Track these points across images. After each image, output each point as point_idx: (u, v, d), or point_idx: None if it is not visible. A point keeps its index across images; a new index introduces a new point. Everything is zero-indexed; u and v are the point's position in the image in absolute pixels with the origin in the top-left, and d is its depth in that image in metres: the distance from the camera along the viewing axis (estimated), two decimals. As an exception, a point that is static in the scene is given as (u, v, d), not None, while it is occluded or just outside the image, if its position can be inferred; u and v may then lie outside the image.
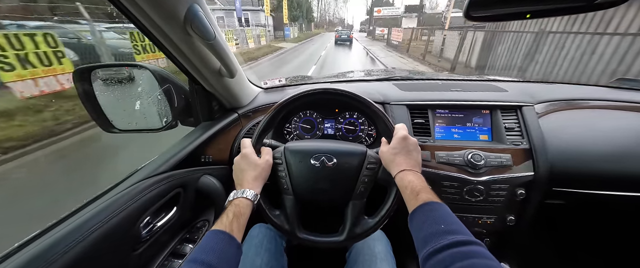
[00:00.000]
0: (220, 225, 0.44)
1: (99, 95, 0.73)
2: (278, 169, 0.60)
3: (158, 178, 0.58)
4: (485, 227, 0.80)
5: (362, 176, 0.58)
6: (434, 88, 0.93)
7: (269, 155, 0.59)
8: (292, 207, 0.59)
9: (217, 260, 0.38)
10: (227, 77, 0.69)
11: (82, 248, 0.40)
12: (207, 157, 0.78)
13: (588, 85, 0.99)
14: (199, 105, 0.79)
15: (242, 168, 0.55)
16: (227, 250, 0.41)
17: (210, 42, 0.50)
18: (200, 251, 0.39)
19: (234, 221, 0.45)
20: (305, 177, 0.59)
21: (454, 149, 0.77)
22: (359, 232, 0.57)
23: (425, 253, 0.35)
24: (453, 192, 0.75)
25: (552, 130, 0.77)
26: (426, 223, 0.39)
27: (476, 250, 0.33)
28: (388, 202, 0.57)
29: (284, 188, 0.59)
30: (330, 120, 0.93)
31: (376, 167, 0.58)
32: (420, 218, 0.41)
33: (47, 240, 0.39)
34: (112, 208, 0.47)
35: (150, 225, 0.57)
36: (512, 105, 0.80)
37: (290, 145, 0.62)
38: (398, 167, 0.52)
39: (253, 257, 0.64)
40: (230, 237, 0.43)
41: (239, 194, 0.51)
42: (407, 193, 0.46)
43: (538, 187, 0.73)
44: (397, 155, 0.53)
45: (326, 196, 0.59)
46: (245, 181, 0.53)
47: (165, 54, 0.58)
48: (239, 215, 0.47)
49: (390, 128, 0.59)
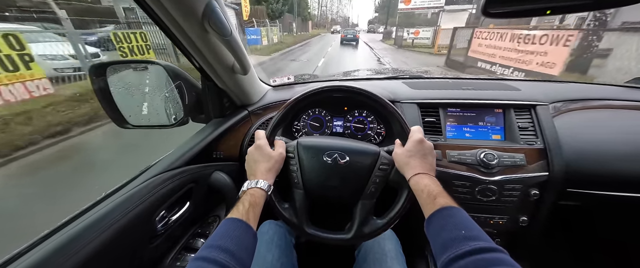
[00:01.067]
0: (236, 213, 0.44)
1: (113, 91, 0.74)
2: (290, 163, 0.60)
3: (173, 173, 0.59)
4: (497, 227, 0.79)
5: (373, 176, 0.57)
6: (445, 86, 0.92)
7: (282, 148, 0.59)
8: (301, 201, 0.59)
9: (236, 246, 0.38)
10: (240, 74, 0.70)
11: (102, 241, 0.41)
12: (219, 153, 0.79)
13: (603, 85, 0.96)
14: (211, 101, 0.80)
15: (255, 159, 0.55)
16: (244, 238, 0.41)
17: (226, 38, 0.50)
18: (218, 237, 0.39)
19: (250, 210, 0.45)
20: (317, 173, 0.59)
21: (465, 148, 0.76)
22: (366, 232, 0.57)
23: (446, 259, 0.35)
24: (464, 191, 0.75)
25: (567, 129, 0.75)
26: (445, 228, 0.39)
27: (500, 258, 0.32)
28: (398, 204, 0.57)
29: (295, 182, 0.59)
30: (339, 119, 0.93)
31: (389, 169, 0.58)
32: (439, 223, 0.40)
33: (68, 233, 0.40)
34: (130, 201, 0.48)
35: (165, 219, 0.57)
36: (526, 104, 0.79)
37: (304, 140, 0.62)
38: (413, 170, 0.51)
39: (264, 253, 0.64)
40: (247, 225, 0.43)
41: (253, 184, 0.51)
42: (424, 198, 0.46)
43: (552, 188, 0.72)
44: (412, 158, 0.53)
45: (336, 193, 0.59)
46: (258, 172, 0.54)
47: (181, 51, 0.59)
48: (255, 204, 0.47)
49: (406, 130, 0.58)
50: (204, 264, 0.35)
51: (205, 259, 0.36)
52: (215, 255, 0.36)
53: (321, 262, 0.94)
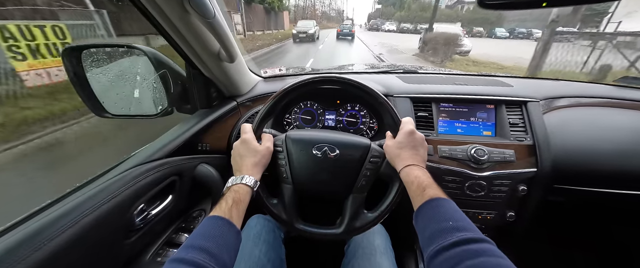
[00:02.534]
0: (218, 211, 0.42)
1: (90, 77, 0.70)
2: (278, 157, 0.58)
3: (152, 165, 0.56)
4: (485, 222, 0.79)
5: (364, 169, 0.56)
6: (438, 81, 0.91)
7: (270, 142, 0.57)
8: (290, 196, 0.57)
9: (216, 246, 0.37)
10: (227, 62, 0.66)
11: (71, 235, 0.38)
12: (205, 145, 0.76)
13: (593, 83, 0.98)
14: (197, 91, 0.76)
15: (241, 153, 0.53)
16: (226, 236, 0.39)
17: (209, 20, 0.47)
18: (198, 237, 0.38)
19: (233, 207, 0.43)
20: (306, 167, 0.57)
21: (457, 144, 0.75)
22: (357, 226, 0.56)
23: (433, 250, 0.34)
24: (454, 186, 0.75)
25: (556, 126, 0.76)
26: (433, 219, 0.38)
27: (486, 248, 0.31)
28: (389, 197, 0.56)
29: (283, 177, 0.57)
30: (331, 112, 0.91)
31: (379, 161, 0.57)
32: (427, 214, 0.40)
33: (34, 225, 0.37)
34: (104, 194, 0.45)
35: (144, 213, 0.55)
36: (517, 100, 0.79)
37: (292, 134, 0.60)
38: (404, 161, 0.50)
39: (251, 247, 0.63)
40: (229, 223, 0.41)
41: (238, 180, 0.49)
42: (413, 189, 0.45)
43: (540, 184, 0.72)
44: (403, 149, 0.52)
45: (326, 187, 0.58)
46: (244, 167, 0.51)
47: (163, 35, 0.55)
48: (239, 201, 0.45)
49: (397, 122, 0.57)
50: (180, 266, 0.33)
51: (182, 261, 0.34)
52: (193, 256, 0.34)
53: (311, 257, 0.94)
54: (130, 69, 0.82)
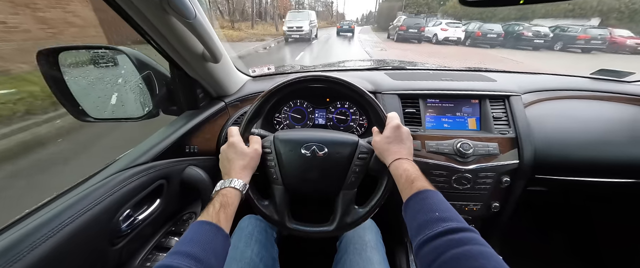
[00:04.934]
0: (206, 216, 0.42)
1: (69, 80, 0.67)
2: (267, 159, 0.58)
3: (138, 170, 0.55)
4: (472, 213, 0.82)
5: (353, 166, 0.57)
6: (425, 77, 0.93)
7: (258, 144, 0.57)
8: (281, 197, 0.57)
9: (202, 251, 0.36)
10: (211, 62, 0.65)
11: (52, 244, 0.37)
12: (193, 147, 0.74)
13: (572, 76, 1.02)
14: (182, 92, 0.75)
15: (229, 157, 0.53)
16: (213, 241, 0.39)
17: (189, 21, 0.46)
18: (184, 243, 0.37)
19: (221, 211, 0.43)
20: (295, 167, 0.57)
21: (443, 139, 0.77)
22: (349, 222, 0.57)
23: (420, 241, 0.35)
24: (442, 180, 0.77)
25: (537, 119, 0.79)
26: (421, 211, 0.39)
27: (470, 237, 0.33)
28: (379, 192, 0.57)
29: (273, 178, 0.57)
30: (321, 110, 0.92)
31: (368, 157, 0.57)
32: (415, 206, 0.41)
33: (12, 236, 0.36)
34: (86, 201, 0.43)
35: (130, 218, 0.54)
36: (500, 94, 0.81)
37: (280, 134, 0.60)
38: (393, 155, 0.51)
39: (243, 248, 0.63)
40: (216, 227, 0.41)
41: (226, 184, 0.49)
42: (402, 182, 0.46)
43: (522, 175, 0.75)
44: (391, 144, 0.53)
45: (316, 186, 0.58)
46: (232, 170, 0.51)
47: (143, 37, 0.53)
48: (227, 205, 0.45)
49: (383, 117, 0.58)
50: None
51: (168, 267, 0.33)
52: (179, 262, 0.34)
53: (304, 255, 0.95)
54: (111, 71, 0.79)
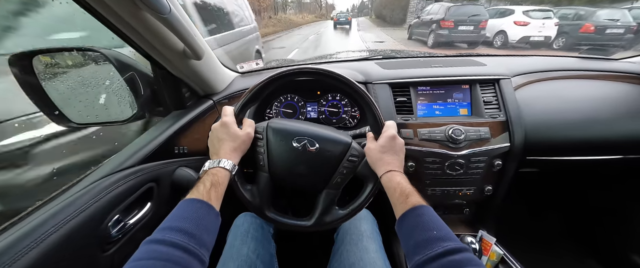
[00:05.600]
0: (196, 193, 0.41)
1: (46, 85, 0.64)
2: (257, 144, 0.56)
3: (124, 174, 0.53)
4: (465, 198, 0.83)
5: (341, 167, 0.56)
6: (415, 65, 0.92)
7: (251, 128, 0.56)
8: (265, 184, 0.56)
9: (195, 227, 0.35)
10: (194, 59, 0.63)
11: (36, 256, 0.36)
12: (182, 148, 0.73)
13: (561, 56, 1.02)
14: (167, 92, 0.72)
15: (220, 137, 0.51)
16: (205, 218, 0.38)
17: (164, 16, 0.43)
18: (174, 219, 0.36)
19: (211, 190, 0.42)
20: (284, 158, 0.56)
21: (435, 126, 0.77)
22: (327, 221, 0.57)
23: (420, 260, 0.36)
24: (435, 167, 0.77)
25: (527, 101, 0.79)
26: (418, 228, 0.39)
27: (470, 258, 0.34)
28: (362, 196, 0.56)
29: (260, 165, 0.56)
30: (312, 104, 0.90)
31: (357, 161, 0.57)
32: (411, 222, 0.41)
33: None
34: (70, 209, 0.42)
35: (121, 223, 0.52)
36: (490, 78, 0.81)
37: (275, 123, 0.58)
38: (385, 166, 0.50)
39: (239, 246, 0.62)
40: (208, 205, 0.40)
41: (215, 164, 0.47)
42: (397, 196, 0.45)
43: (514, 157, 0.76)
44: (385, 154, 0.52)
45: (302, 180, 0.58)
46: (222, 151, 0.50)
47: (118, 35, 0.51)
48: (217, 184, 0.44)
49: (380, 124, 0.56)
50: (157, 247, 0.32)
51: (160, 241, 0.32)
52: (171, 237, 0.33)
53: (302, 248, 0.95)
54: (92, 74, 0.76)
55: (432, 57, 1.09)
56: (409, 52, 1.26)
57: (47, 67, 0.66)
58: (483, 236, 0.80)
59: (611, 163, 0.79)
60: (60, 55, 0.69)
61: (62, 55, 0.70)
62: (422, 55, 1.13)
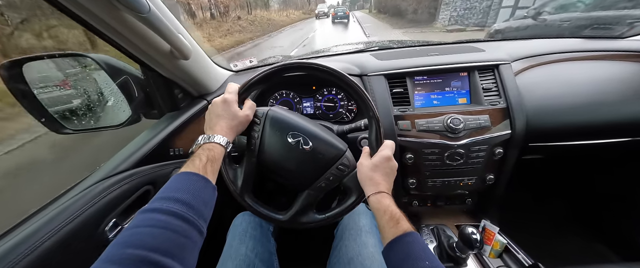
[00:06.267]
0: (191, 167, 0.40)
1: (38, 93, 0.64)
2: (253, 128, 0.56)
3: (120, 177, 0.54)
4: (467, 188, 0.82)
5: (329, 172, 0.55)
6: (411, 54, 0.89)
7: (251, 110, 0.54)
8: (250, 168, 0.56)
9: (193, 198, 0.34)
10: (182, 59, 0.62)
11: (31, 262, 0.36)
12: (177, 150, 0.73)
13: (564, 38, 0.98)
14: (159, 94, 0.72)
15: (218, 113, 0.50)
16: (202, 191, 0.37)
17: (143, 15, 0.42)
18: (171, 190, 0.35)
19: (208, 164, 0.41)
20: (275, 150, 0.55)
21: (433, 116, 0.75)
22: (301, 221, 0.56)
23: None
24: (434, 158, 0.75)
25: (528, 86, 0.76)
26: (409, 257, 0.38)
27: None
28: (341, 206, 0.55)
29: (251, 149, 0.55)
30: (308, 99, 0.89)
31: (346, 171, 0.55)
32: (402, 249, 0.40)
33: None
34: (64, 215, 0.42)
35: (118, 227, 0.53)
36: (489, 64, 0.78)
37: (275, 111, 0.57)
38: (375, 187, 0.49)
39: (237, 245, 0.62)
40: (205, 179, 0.39)
41: (211, 139, 0.46)
42: (386, 219, 0.44)
43: (515, 145, 0.74)
44: (376, 173, 0.50)
45: (287, 175, 0.57)
46: (218, 127, 0.49)
47: (101, 37, 0.50)
48: (213, 159, 0.43)
49: (379, 142, 0.54)
50: (154, 215, 0.31)
51: (156, 210, 0.31)
52: (169, 206, 0.32)
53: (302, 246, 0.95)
54: (84, 80, 0.76)
55: (429, 45, 1.06)
56: (406, 41, 1.23)
57: (38, 74, 0.66)
58: (486, 225, 0.79)
59: (618, 146, 0.76)
60: (51, 62, 0.69)
61: (52, 62, 0.69)
62: (418, 44, 1.10)
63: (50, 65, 0.69)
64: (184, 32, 0.58)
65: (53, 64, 0.70)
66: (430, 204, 0.93)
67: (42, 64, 0.67)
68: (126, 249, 0.27)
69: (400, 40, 1.29)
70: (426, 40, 1.28)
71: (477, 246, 0.61)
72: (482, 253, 0.77)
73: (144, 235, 0.29)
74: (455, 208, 0.93)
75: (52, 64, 0.70)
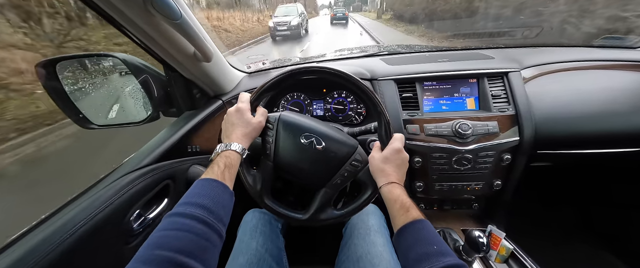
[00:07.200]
0: (211, 174, 0.43)
1: (69, 90, 0.69)
2: (267, 134, 0.58)
3: (142, 172, 0.57)
4: (474, 193, 0.83)
5: (343, 169, 0.57)
6: (421, 60, 0.91)
7: (263, 116, 0.58)
8: (268, 172, 0.58)
9: (213, 203, 0.38)
10: (204, 62, 0.65)
11: (69, 246, 0.40)
12: (194, 147, 0.76)
13: (574, 47, 0.98)
14: (179, 94, 0.76)
15: (233, 122, 0.54)
16: (221, 196, 0.40)
17: (176, 22, 0.46)
18: (193, 195, 0.38)
19: (225, 171, 0.44)
20: (290, 152, 0.58)
21: (442, 121, 0.77)
22: (321, 218, 0.58)
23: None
24: (442, 162, 0.77)
25: (538, 94, 0.77)
26: (418, 242, 0.40)
27: None
28: (358, 201, 0.57)
29: (267, 153, 0.58)
30: (318, 101, 0.92)
31: (360, 166, 0.57)
32: (412, 235, 0.42)
33: (29, 243, 0.38)
34: (96, 204, 0.46)
35: (141, 218, 0.56)
36: (498, 72, 0.80)
37: (286, 116, 0.60)
38: (387, 178, 0.51)
39: (248, 241, 0.65)
40: (223, 185, 0.42)
41: (228, 146, 0.50)
42: (397, 208, 0.46)
43: (523, 151, 0.75)
44: (387, 165, 0.52)
45: (303, 175, 0.59)
46: (234, 135, 0.52)
47: (132, 40, 0.54)
48: (230, 166, 0.46)
49: (389, 135, 0.57)
50: (179, 219, 0.34)
51: (181, 214, 0.34)
52: (191, 211, 0.35)
53: (310, 244, 0.97)
54: (110, 78, 0.81)
55: (438, 51, 1.07)
56: (415, 46, 1.25)
57: (69, 72, 0.70)
58: (492, 231, 0.79)
59: (625, 156, 0.76)
60: (81, 61, 0.74)
61: (82, 61, 0.74)
62: (427, 49, 1.12)
63: (80, 64, 0.73)
64: (207, 36, 0.61)
65: (82, 63, 0.75)
66: (437, 208, 0.95)
67: (72, 63, 0.72)
68: (155, 250, 0.30)
69: (409, 45, 1.31)
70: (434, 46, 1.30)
71: (483, 249, 0.62)
72: (488, 257, 0.78)
73: (171, 238, 0.32)
74: (461, 213, 0.94)
75: (81, 62, 0.74)
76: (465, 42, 5.91)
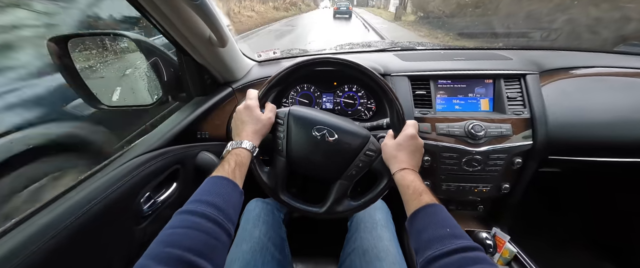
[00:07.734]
0: (221, 172, 0.43)
1: (80, 68, 0.68)
2: (278, 129, 0.58)
3: (154, 154, 0.57)
4: (481, 195, 0.82)
5: (357, 160, 0.56)
6: (436, 58, 0.89)
7: (272, 112, 0.57)
8: (281, 168, 0.58)
9: (223, 201, 0.38)
10: (218, 47, 0.64)
11: (83, 223, 0.40)
12: (204, 133, 0.76)
13: (594, 52, 0.96)
14: (190, 78, 0.75)
15: (243, 119, 0.53)
16: (231, 195, 0.40)
17: (196, 2, 0.45)
18: (204, 193, 0.38)
19: (236, 169, 0.44)
20: (302, 146, 0.57)
21: (454, 120, 0.76)
22: (339, 210, 0.58)
23: (430, 256, 0.36)
24: (451, 162, 0.76)
25: (553, 98, 0.76)
26: (430, 225, 0.40)
27: (481, 257, 0.34)
28: (375, 191, 0.57)
29: (279, 149, 0.58)
30: (328, 94, 0.90)
31: (374, 156, 0.57)
32: (424, 219, 0.41)
33: (44, 219, 0.38)
34: (109, 183, 0.46)
35: (151, 200, 0.56)
36: (516, 73, 0.78)
37: (296, 110, 0.59)
38: (400, 164, 0.50)
39: (251, 229, 0.65)
40: (233, 183, 0.42)
41: (238, 144, 0.50)
42: (410, 193, 0.46)
43: (535, 156, 0.74)
44: (401, 151, 0.52)
45: (317, 169, 0.59)
46: (244, 133, 0.52)
47: (149, 21, 0.53)
48: (241, 164, 0.46)
49: (402, 122, 0.56)
50: (190, 217, 0.34)
51: (192, 212, 0.35)
52: (202, 209, 0.35)
53: (314, 235, 0.98)
54: (121, 58, 0.80)
55: (454, 49, 1.05)
56: (429, 44, 1.22)
57: (80, 50, 0.69)
58: (497, 233, 0.80)
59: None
60: (93, 39, 0.73)
61: (94, 39, 0.73)
62: (442, 47, 1.10)
63: (93, 42, 0.72)
64: (222, 20, 0.60)
65: (94, 41, 0.74)
66: None
67: (84, 41, 0.71)
68: (165, 248, 0.30)
69: (422, 42, 1.28)
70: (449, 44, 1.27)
71: (490, 251, 0.62)
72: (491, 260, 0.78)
73: (180, 236, 0.32)
74: (466, 214, 0.94)
75: (93, 41, 0.73)
76: (479, 42, 5.68)
